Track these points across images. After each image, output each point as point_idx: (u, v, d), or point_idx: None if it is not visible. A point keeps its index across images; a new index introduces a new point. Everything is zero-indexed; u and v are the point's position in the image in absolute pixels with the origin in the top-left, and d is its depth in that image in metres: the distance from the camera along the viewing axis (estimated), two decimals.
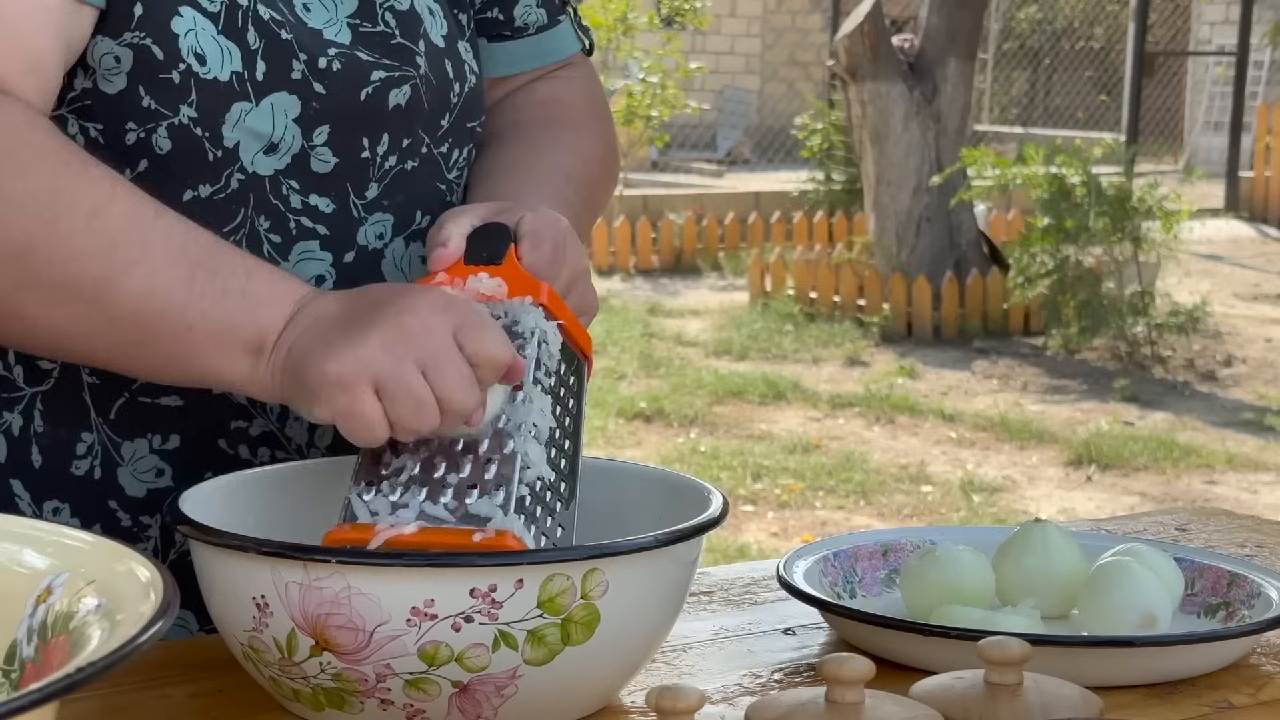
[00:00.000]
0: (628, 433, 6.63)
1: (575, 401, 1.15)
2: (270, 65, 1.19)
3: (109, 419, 1.23)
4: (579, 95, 1.42)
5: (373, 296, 1.09)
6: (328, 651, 0.98)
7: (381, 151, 1.25)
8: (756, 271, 9.63)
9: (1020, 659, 1.01)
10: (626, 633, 1.03)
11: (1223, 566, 1.30)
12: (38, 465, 1.24)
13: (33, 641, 0.79)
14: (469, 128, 1.32)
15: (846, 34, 8.99)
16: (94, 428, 1.24)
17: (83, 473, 1.24)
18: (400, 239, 1.27)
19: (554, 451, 1.11)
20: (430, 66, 1.27)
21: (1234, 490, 5.99)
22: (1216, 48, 15.96)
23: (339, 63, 1.21)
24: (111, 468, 1.24)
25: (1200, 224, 10.80)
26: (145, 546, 1.25)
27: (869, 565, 1.33)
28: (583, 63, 1.45)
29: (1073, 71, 18.46)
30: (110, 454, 1.24)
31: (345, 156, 1.23)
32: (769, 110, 17.16)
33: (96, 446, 1.24)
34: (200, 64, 1.17)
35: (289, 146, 1.21)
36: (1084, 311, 8.22)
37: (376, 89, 1.23)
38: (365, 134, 1.24)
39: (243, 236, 1.21)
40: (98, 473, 1.24)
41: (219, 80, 1.17)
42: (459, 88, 1.30)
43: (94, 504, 1.24)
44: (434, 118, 1.28)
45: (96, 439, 1.24)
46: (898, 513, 5.66)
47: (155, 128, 1.17)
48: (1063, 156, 8.39)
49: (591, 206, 1.38)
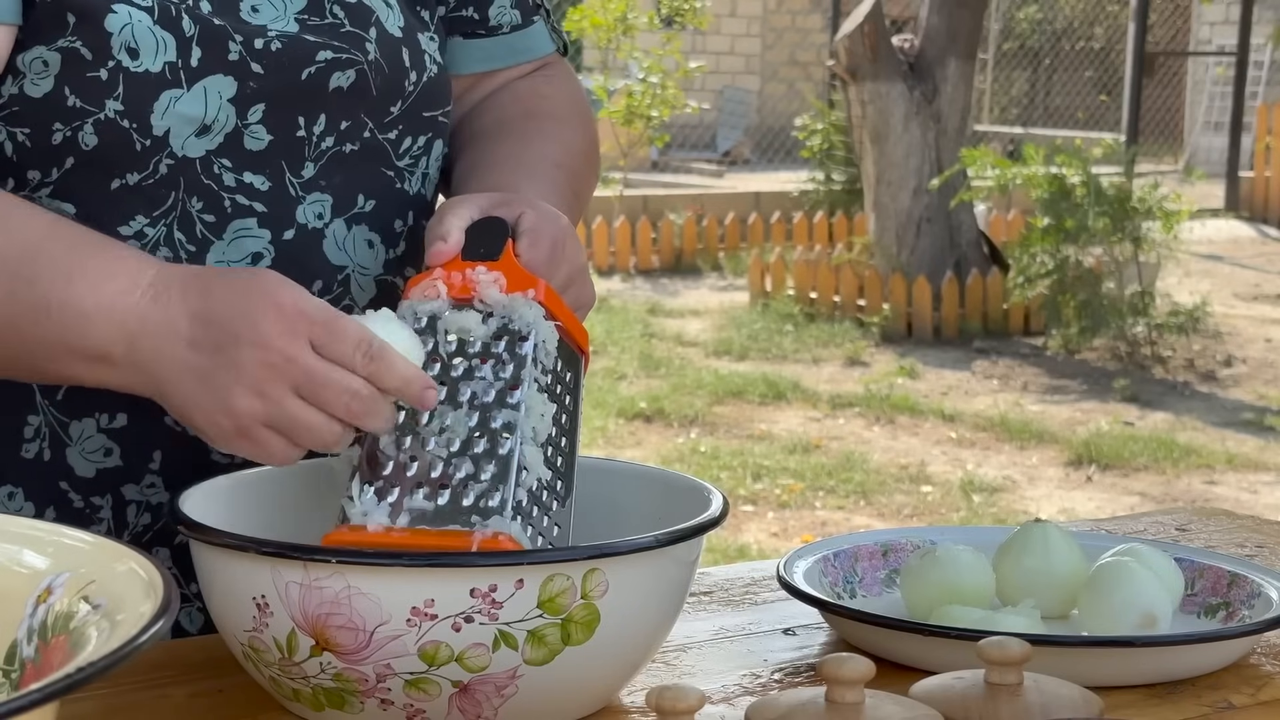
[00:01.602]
0: (628, 433, 6.63)
1: (572, 399, 1.15)
2: (206, 50, 1.19)
3: (55, 400, 1.24)
4: (560, 92, 1.44)
5: (222, 307, 1.06)
6: (328, 651, 0.98)
7: (318, 131, 1.25)
8: (756, 271, 9.63)
9: (1020, 659, 1.01)
10: (626, 633, 1.03)
11: (1223, 566, 1.30)
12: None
13: (33, 641, 0.79)
14: (426, 117, 1.32)
15: (846, 34, 8.98)
16: (39, 409, 1.24)
17: (32, 455, 1.24)
18: (341, 220, 1.27)
19: (550, 450, 1.10)
20: (382, 53, 1.27)
21: (1234, 490, 5.99)
22: (1216, 48, 15.95)
23: (279, 43, 1.22)
24: (60, 449, 1.24)
25: (1200, 224, 10.81)
26: (98, 528, 1.25)
27: (869, 565, 1.33)
28: (559, 63, 1.47)
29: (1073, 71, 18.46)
30: (58, 435, 1.24)
31: (280, 135, 1.24)
32: (769, 110, 17.16)
33: (44, 429, 1.24)
34: (131, 58, 1.17)
35: (222, 126, 1.21)
36: (1084, 311, 8.22)
37: (320, 69, 1.24)
38: (301, 113, 1.24)
39: (174, 219, 1.21)
40: (47, 454, 1.24)
41: (149, 72, 1.18)
42: (415, 76, 1.30)
43: (46, 486, 1.25)
44: (382, 103, 1.28)
45: (43, 420, 1.24)
46: (898, 513, 5.66)
47: (81, 125, 1.18)
48: (1063, 156, 8.39)
49: (580, 196, 1.39)
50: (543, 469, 1.08)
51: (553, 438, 1.11)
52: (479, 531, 1.03)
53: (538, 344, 1.11)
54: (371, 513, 1.05)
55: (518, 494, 1.05)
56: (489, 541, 1.02)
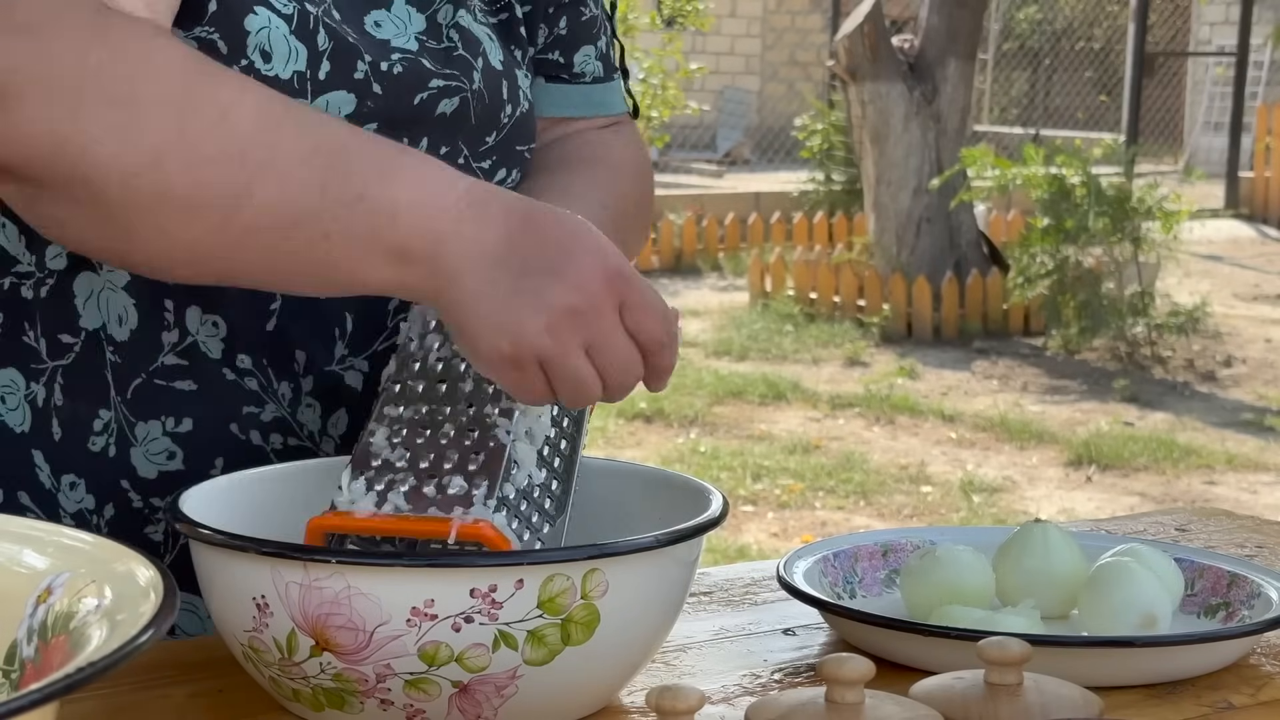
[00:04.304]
0: (628, 433, 6.63)
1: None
2: (335, 65, 1.20)
3: (126, 398, 1.24)
4: (626, 150, 1.44)
5: (540, 238, 1.03)
6: (328, 651, 0.98)
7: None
8: (756, 272, 9.63)
9: (1020, 659, 1.01)
10: (626, 633, 1.03)
11: (1223, 567, 1.30)
12: (57, 438, 1.25)
13: (33, 641, 0.79)
14: (518, 150, 1.34)
15: (846, 34, 8.99)
16: (112, 405, 1.24)
17: (98, 449, 1.25)
18: None
19: (548, 450, 1.11)
20: (485, 83, 1.28)
21: (1234, 490, 5.99)
22: (1216, 48, 15.96)
23: (401, 66, 1.23)
24: (126, 447, 1.25)
25: (1200, 224, 10.80)
26: (155, 529, 1.26)
27: (869, 565, 1.33)
28: (630, 125, 1.48)
29: (1073, 72, 18.46)
30: (125, 433, 1.24)
31: None
32: (769, 111, 17.17)
33: (113, 425, 1.24)
34: (264, 61, 1.17)
35: None
36: (1084, 312, 8.23)
37: (430, 95, 1.24)
38: (406, 135, 1.24)
39: None
40: (112, 450, 1.25)
41: (279, 78, 1.17)
42: (510, 109, 1.31)
43: (108, 482, 1.25)
44: (479, 133, 1.29)
45: (113, 417, 1.24)
46: (898, 513, 5.66)
47: None
48: (1063, 157, 8.39)
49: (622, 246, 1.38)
50: (535, 468, 1.09)
51: (551, 439, 1.11)
52: (459, 518, 1.03)
53: None
54: (359, 500, 1.06)
55: (505, 488, 1.06)
56: (469, 528, 1.03)
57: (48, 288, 1.24)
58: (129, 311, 1.23)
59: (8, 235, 1.24)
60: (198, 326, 1.23)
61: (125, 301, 1.23)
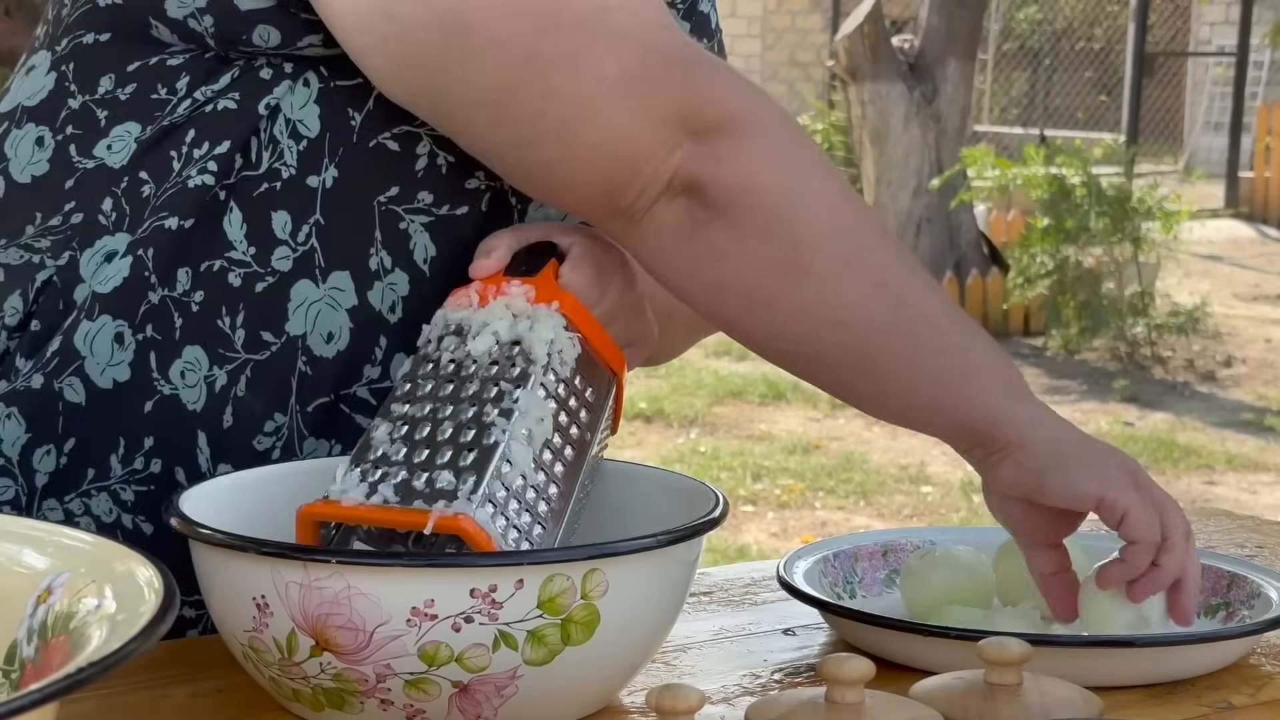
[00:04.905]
0: (628, 433, 6.63)
1: (589, 413, 1.15)
2: None
3: (306, 411, 1.23)
4: None
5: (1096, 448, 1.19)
6: (328, 651, 0.98)
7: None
8: None
9: (1020, 659, 1.01)
10: (626, 633, 1.03)
11: (1223, 567, 1.30)
12: (227, 425, 1.23)
13: (33, 641, 0.79)
14: None
15: (846, 34, 8.99)
16: (289, 412, 1.23)
17: (263, 449, 1.23)
18: None
19: (549, 454, 1.10)
20: None
21: (1234, 490, 5.99)
22: (1216, 48, 15.97)
23: None
24: (289, 456, 1.24)
25: (1200, 224, 10.80)
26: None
27: (869, 565, 1.33)
28: None
29: (1073, 72, 18.46)
30: (293, 443, 1.24)
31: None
32: None
33: (284, 431, 1.23)
34: None
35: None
36: (1084, 312, 8.23)
37: None
38: None
39: None
40: (276, 454, 1.23)
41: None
42: None
43: None
44: None
45: (287, 423, 1.23)
46: (898, 513, 5.66)
47: None
48: (1063, 157, 8.40)
49: None
50: (530, 469, 1.08)
51: (553, 443, 1.11)
52: (438, 510, 1.03)
53: (551, 352, 1.12)
54: (350, 489, 1.06)
55: (493, 485, 1.05)
56: (446, 520, 1.02)
57: (265, 284, 1.21)
58: (343, 332, 1.22)
59: (231, 220, 1.22)
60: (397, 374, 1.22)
61: (343, 322, 1.21)
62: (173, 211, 1.21)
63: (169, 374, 1.22)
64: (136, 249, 1.21)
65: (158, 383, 1.22)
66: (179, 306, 1.22)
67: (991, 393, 1.17)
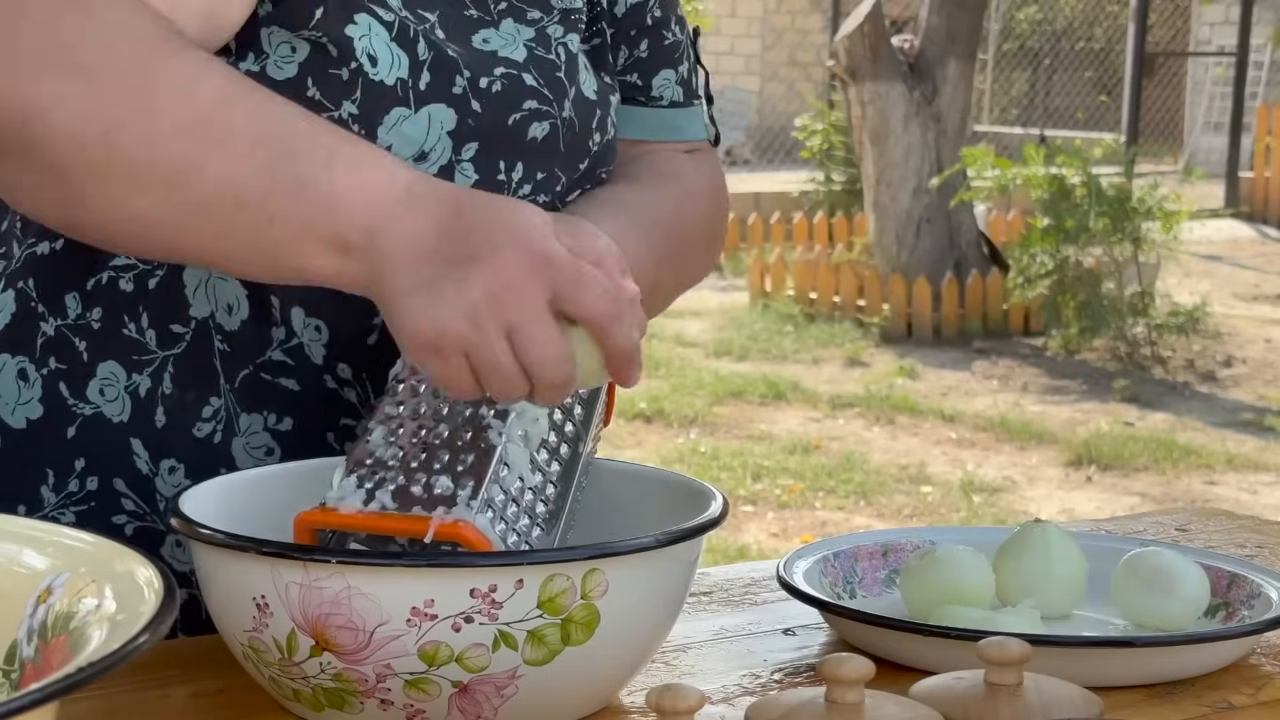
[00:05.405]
0: (628, 433, 6.63)
1: (584, 409, 1.15)
2: (434, 77, 1.20)
3: (234, 387, 1.24)
4: (703, 176, 1.43)
5: (467, 228, 1.02)
6: (328, 651, 0.98)
7: (516, 178, 1.26)
8: (756, 272, 9.63)
9: (1020, 659, 1.01)
10: (626, 633, 1.03)
11: (1223, 567, 1.30)
12: (160, 425, 1.24)
13: (33, 641, 0.79)
14: (602, 176, 1.34)
15: (846, 34, 8.99)
16: (221, 394, 1.24)
17: (203, 435, 1.25)
18: None
19: (545, 454, 1.10)
20: (575, 112, 1.28)
21: (1234, 490, 5.99)
22: (1216, 48, 15.97)
23: (501, 84, 1.23)
24: (230, 436, 1.25)
25: (1200, 224, 10.80)
26: None
27: (869, 565, 1.33)
28: (710, 153, 1.46)
29: (1073, 72, 18.46)
30: (231, 422, 1.25)
31: (484, 176, 1.23)
32: (769, 111, 17.16)
33: (221, 413, 1.25)
34: (371, 65, 1.18)
35: (438, 158, 1.21)
36: (1084, 312, 8.23)
37: (524, 116, 1.24)
38: (504, 158, 1.24)
39: None
40: (217, 437, 1.25)
41: (384, 83, 1.18)
42: (599, 138, 1.31)
43: (207, 470, 1.24)
44: (571, 160, 1.29)
45: (223, 405, 1.25)
46: (898, 513, 5.66)
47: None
48: (1063, 157, 8.40)
49: (678, 262, 1.36)
50: (528, 471, 1.08)
51: (550, 443, 1.11)
52: (438, 517, 1.03)
53: None
54: (347, 496, 1.06)
55: (492, 489, 1.05)
56: (447, 528, 1.03)
57: (157, 279, 1.23)
58: (240, 302, 1.23)
59: None
60: (302, 328, 1.23)
61: (237, 291, 1.23)
62: (40, 236, 1.23)
63: (86, 395, 1.24)
64: (16, 281, 1.23)
65: (76, 407, 1.24)
66: (79, 332, 1.23)
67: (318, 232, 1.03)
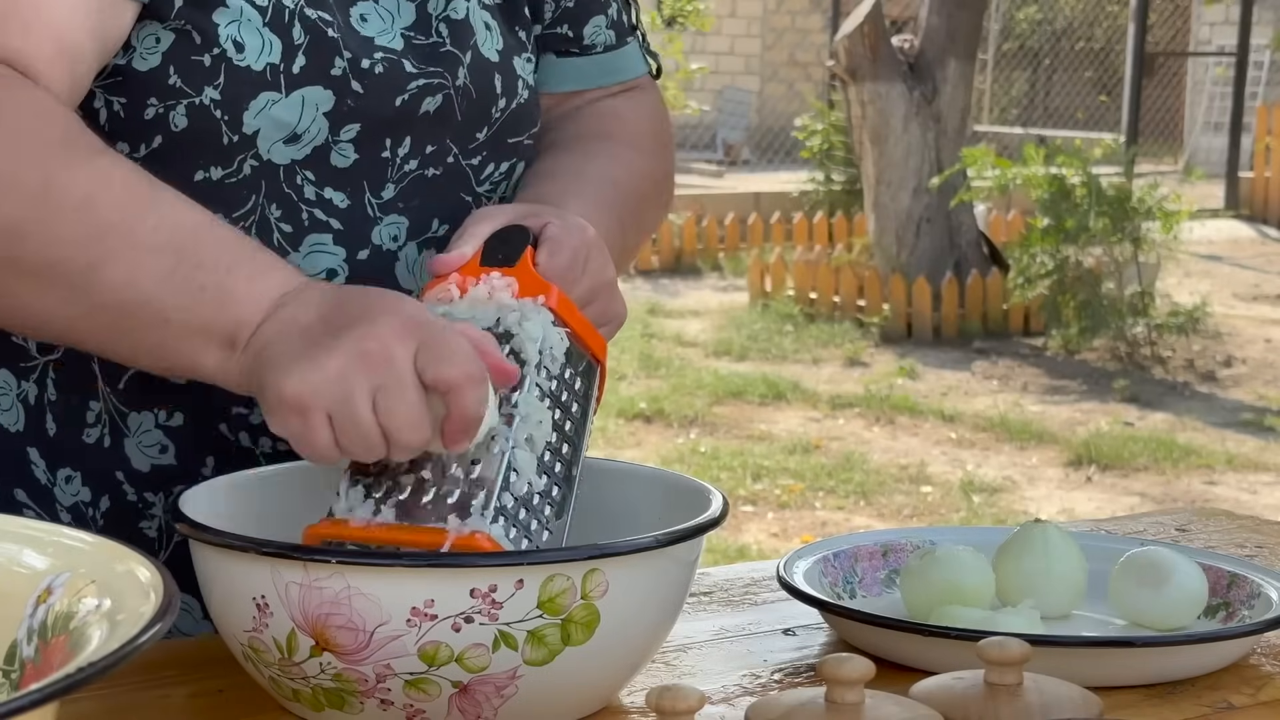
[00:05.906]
0: (628, 433, 6.63)
1: (580, 405, 1.15)
2: (311, 60, 1.20)
3: (117, 389, 1.24)
4: (642, 116, 1.43)
5: (348, 308, 1.06)
6: (328, 652, 0.98)
7: (402, 154, 1.25)
8: (756, 272, 9.63)
9: (1020, 659, 1.01)
10: (626, 633, 1.03)
11: (1223, 567, 1.30)
12: (52, 433, 1.25)
13: (33, 641, 0.79)
14: (511, 142, 1.32)
15: (846, 34, 8.99)
16: (100, 396, 1.25)
17: (93, 440, 1.25)
18: (414, 244, 1.27)
19: (549, 455, 1.10)
20: (473, 79, 1.27)
21: (1234, 490, 5.99)
22: (1216, 48, 15.96)
23: (382, 66, 1.22)
24: (119, 437, 1.25)
25: (1200, 224, 10.80)
26: (150, 525, 1.26)
27: (869, 565, 1.33)
28: (650, 86, 1.45)
29: (1073, 72, 18.45)
30: (118, 423, 1.25)
31: (366, 154, 1.24)
32: (769, 111, 17.16)
33: (104, 415, 1.25)
34: (237, 50, 1.18)
35: (312, 138, 1.21)
36: (1084, 312, 8.22)
37: (412, 96, 1.24)
38: (389, 135, 1.24)
39: (253, 223, 1.21)
40: (107, 441, 1.25)
41: (251, 69, 1.18)
42: (504, 103, 1.30)
43: (103, 473, 1.25)
44: (468, 129, 1.28)
45: (104, 408, 1.25)
46: (898, 513, 5.66)
47: (175, 105, 1.18)
48: (1063, 157, 8.39)
49: (638, 222, 1.37)
50: (535, 475, 1.08)
51: (552, 444, 1.11)
52: (455, 530, 1.03)
53: (543, 350, 1.11)
54: (356, 508, 1.05)
55: (503, 497, 1.05)
56: (464, 540, 1.02)
57: None
58: None
59: None
60: None
61: None
62: None
63: None
64: None
65: None
66: None
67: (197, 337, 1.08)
